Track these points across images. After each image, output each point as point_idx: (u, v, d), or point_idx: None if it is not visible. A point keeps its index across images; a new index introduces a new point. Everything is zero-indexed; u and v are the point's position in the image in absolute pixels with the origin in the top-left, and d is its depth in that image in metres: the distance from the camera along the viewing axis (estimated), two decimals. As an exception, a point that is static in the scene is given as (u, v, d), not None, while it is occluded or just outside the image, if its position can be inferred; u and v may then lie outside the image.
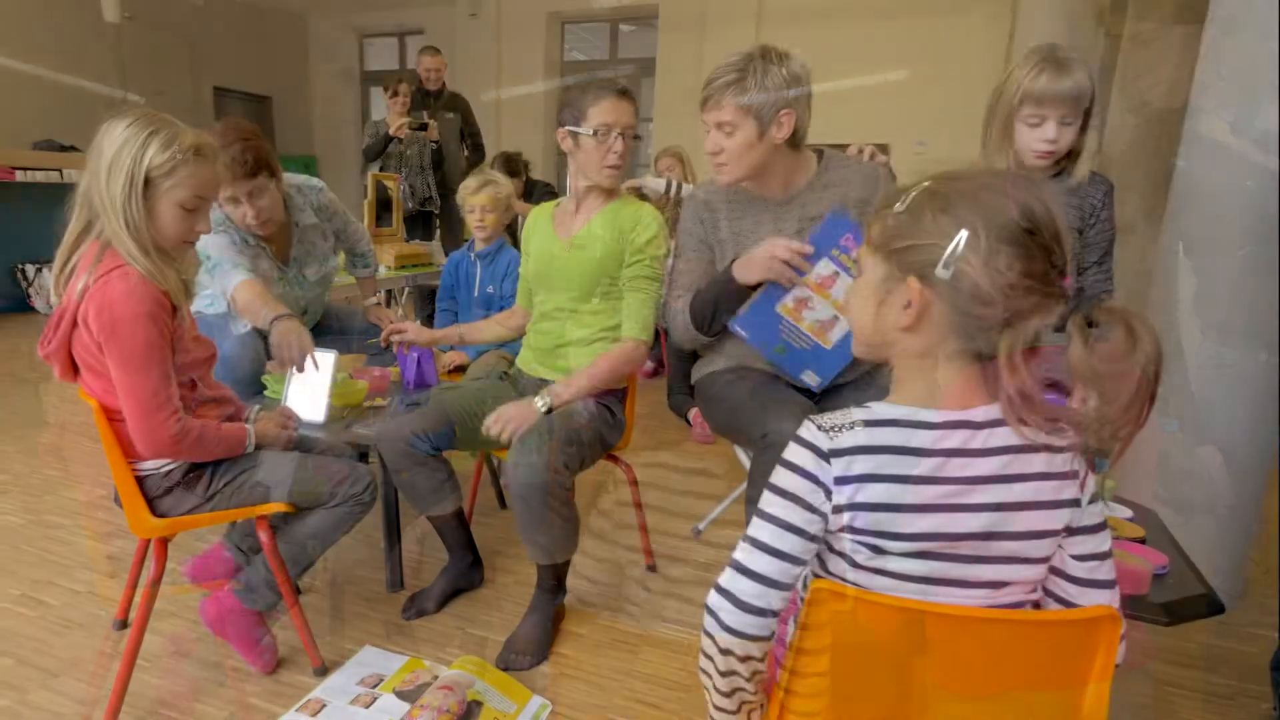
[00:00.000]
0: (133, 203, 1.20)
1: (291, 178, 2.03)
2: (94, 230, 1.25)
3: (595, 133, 1.60)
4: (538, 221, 1.85)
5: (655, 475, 2.69)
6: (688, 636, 1.71)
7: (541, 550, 1.56)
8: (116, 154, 1.20)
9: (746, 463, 1.75)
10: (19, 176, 5.00)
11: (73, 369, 1.32)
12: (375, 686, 1.48)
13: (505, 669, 1.54)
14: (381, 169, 4.42)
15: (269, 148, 1.83)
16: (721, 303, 1.56)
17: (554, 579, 1.65)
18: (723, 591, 0.76)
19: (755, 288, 1.52)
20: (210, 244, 1.86)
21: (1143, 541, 1.19)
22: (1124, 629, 0.77)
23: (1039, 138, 1.47)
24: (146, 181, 1.21)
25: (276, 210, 1.88)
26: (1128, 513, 1.30)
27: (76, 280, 1.23)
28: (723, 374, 1.68)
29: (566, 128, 1.65)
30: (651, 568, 2.01)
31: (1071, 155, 1.51)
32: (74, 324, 1.25)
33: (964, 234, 0.69)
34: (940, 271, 0.70)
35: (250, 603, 1.50)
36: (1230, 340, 1.76)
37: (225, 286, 1.82)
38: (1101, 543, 0.77)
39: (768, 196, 1.62)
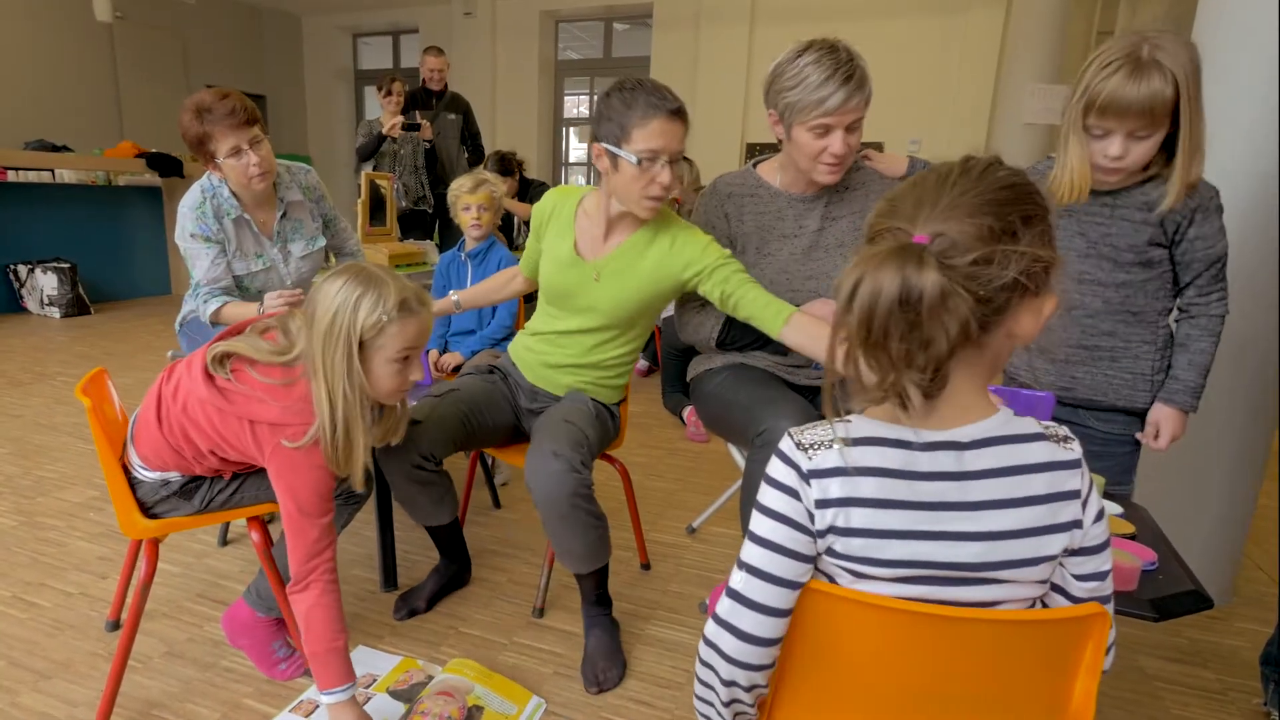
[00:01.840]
0: (355, 365, 1.20)
1: (280, 161, 2.04)
2: (300, 370, 1.24)
3: (639, 161, 1.41)
4: (556, 215, 1.65)
5: (649, 474, 2.69)
6: (681, 635, 1.71)
7: (579, 559, 1.51)
8: (334, 318, 1.19)
9: (741, 461, 1.75)
10: (11, 177, 4.97)
11: (206, 378, 1.25)
12: (369, 687, 1.48)
13: (599, 690, 1.50)
14: (375, 168, 4.41)
15: (257, 108, 1.88)
16: (767, 343, 1.54)
17: (596, 589, 1.59)
18: (722, 623, 0.74)
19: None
20: (196, 261, 1.90)
21: (1133, 538, 1.20)
22: (1113, 637, 0.76)
23: (1101, 151, 1.26)
24: (361, 344, 1.21)
25: (272, 162, 1.91)
26: (1118, 509, 1.30)
27: (280, 409, 1.22)
28: (718, 371, 1.68)
29: (604, 144, 1.44)
30: (645, 566, 2.02)
31: (1164, 164, 1.27)
32: (252, 424, 1.22)
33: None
34: None
35: (264, 610, 1.49)
36: (1224, 332, 1.76)
37: (205, 312, 1.89)
38: (1104, 562, 0.74)
39: (792, 192, 1.62)
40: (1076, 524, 0.71)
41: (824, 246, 1.60)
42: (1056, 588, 0.75)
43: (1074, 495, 0.71)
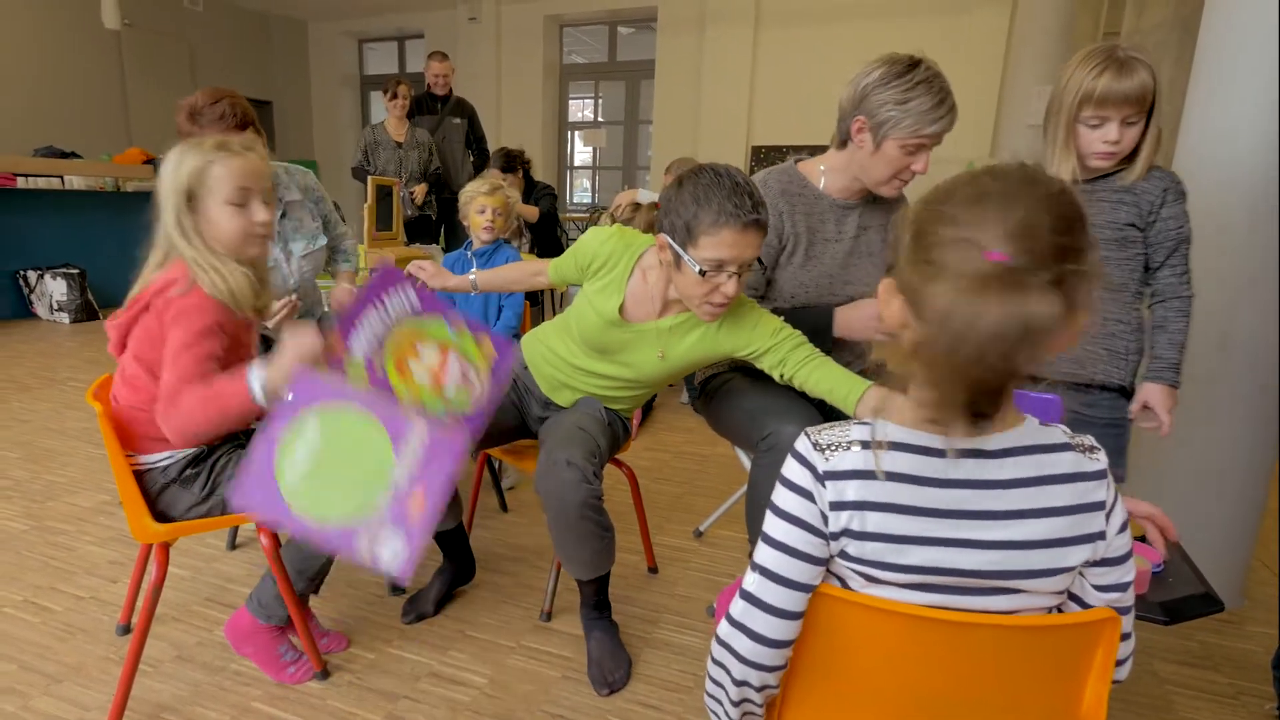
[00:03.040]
0: (185, 218, 1.29)
1: (279, 163, 2.05)
2: (171, 258, 1.32)
3: (703, 272, 1.29)
4: (610, 265, 1.51)
5: (656, 477, 2.69)
6: (689, 639, 1.71)
7: (584, 566, 1.51)
8: (165, 184, 1.30)
9: (748, 464, 1.75)
10: (20, 183, 5.01)
11: (122, 346, 1.34)
12: None
13: (610, 691, 1.51)
14: (380, 174, 4.43)
15: (252, 109, 1.88)
16: (812, 337, 1.55)
17: (596, 594, 1.60)
18: (736, 624, 0.73)
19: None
20: None
21: (1142, 539, 1.19)
22: (1131, 649, 0.76)
23: (1100, 138, 1.41)
24: (190, 195, 1.29)
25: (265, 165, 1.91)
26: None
27: (163, 278, 1.29)
28: (726, 375, 1.68)
29: (667, 239, 1.33)
30: (653, 569, 2.01)
31: (1134, 154, 1.44)
32: (145, 308, 1.29)
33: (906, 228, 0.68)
34: (896, 269, 0.69)
35: (265, 618, 1.49)
36: (1230, 334, 1.76)
37: None
38: (1125, 573, 0.72)
39: (835, 197, 1.62)
40: (1100, 535, 0.69)
41: (859, 254, 1.63)
42: (1074, 597, 0.74)
43: (1099, 507, 0.69)
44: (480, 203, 2.39)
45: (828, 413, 1.67)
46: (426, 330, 1.32)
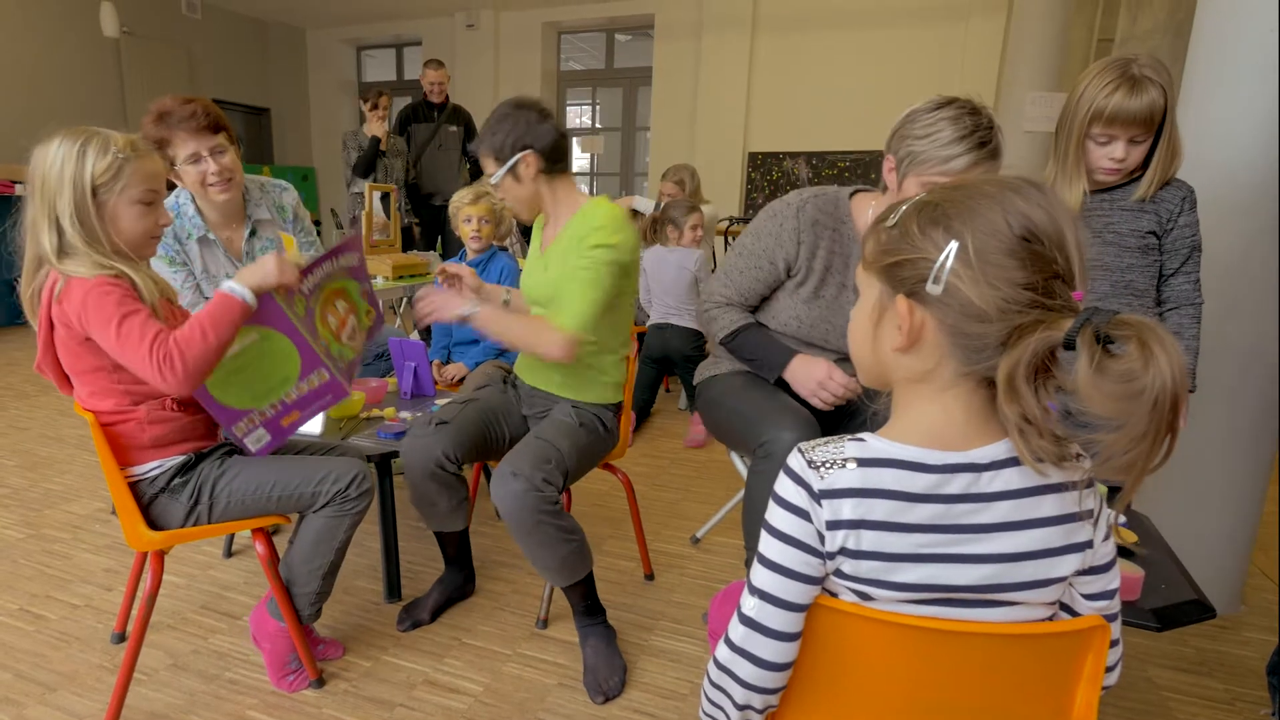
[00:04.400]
0: (86, 214, 1.22)
1: (255, 177, 2.02)
2: (44, 264, 1.25)
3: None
4: (536, 225, 1.80)
5: (652, 484, 2.69)
6: (685, 645, 1.71)
7: (555, 573, 1.52)
8: (59, 174, 1.21)
9: (744, 470, 1.75)
10: (18, 191, 5.02)
11: (66, 378, 1.33)
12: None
13: (605, 700, 1.51)
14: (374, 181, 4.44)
15: (226, 116, 1.87)
16: (760, 367, 1.58)
17: (584, 600, 1.60)
18: (739, 650, 0.72)
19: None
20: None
21: (1136, 547, 1.19)
22: (1118, 656, 0.75)
23: (1107, 155, 1.43)
24: (94, 191, 1.22)
25: (237, 171, 1.86)
26: (1120, 518, 1.30)
27: (47, 292, 1.25)
28: (724, 378, 1.68)
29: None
30: (649, 576, 2.01)
31: (1146, 166, 1.45)
32: (51, 326, 1.26)
33: (953, 245, 0.63)
34: (930, 287, 0.65)
35: (280, 618, 1.48)
36: (1226, 338, 1.76)
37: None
38: (1111, 580, 0.73)
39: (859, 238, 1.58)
40: (1089, 544, 0.69)
41: None
42: (1064, 606, 0.74)
43: (1087, 515, 0.69)
44: (466, 213, 2.40)
45: (823, 418, 1.68)
46: (348, 289, 1.53)
